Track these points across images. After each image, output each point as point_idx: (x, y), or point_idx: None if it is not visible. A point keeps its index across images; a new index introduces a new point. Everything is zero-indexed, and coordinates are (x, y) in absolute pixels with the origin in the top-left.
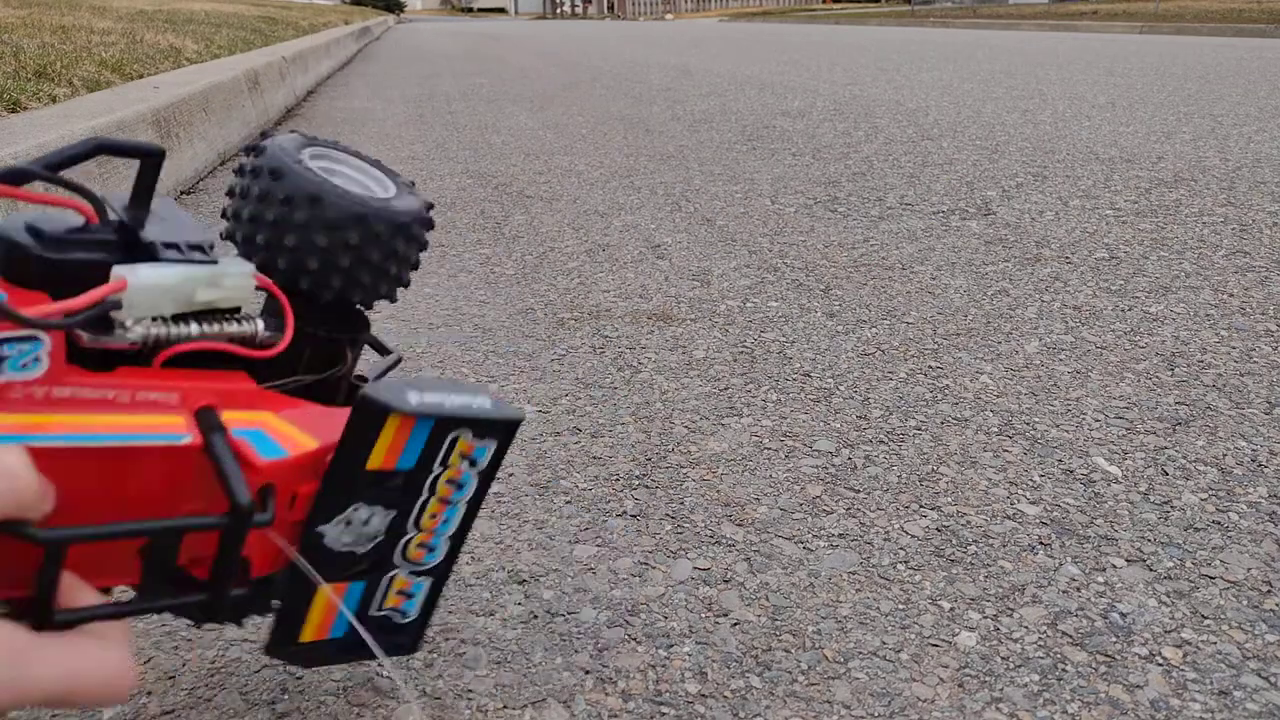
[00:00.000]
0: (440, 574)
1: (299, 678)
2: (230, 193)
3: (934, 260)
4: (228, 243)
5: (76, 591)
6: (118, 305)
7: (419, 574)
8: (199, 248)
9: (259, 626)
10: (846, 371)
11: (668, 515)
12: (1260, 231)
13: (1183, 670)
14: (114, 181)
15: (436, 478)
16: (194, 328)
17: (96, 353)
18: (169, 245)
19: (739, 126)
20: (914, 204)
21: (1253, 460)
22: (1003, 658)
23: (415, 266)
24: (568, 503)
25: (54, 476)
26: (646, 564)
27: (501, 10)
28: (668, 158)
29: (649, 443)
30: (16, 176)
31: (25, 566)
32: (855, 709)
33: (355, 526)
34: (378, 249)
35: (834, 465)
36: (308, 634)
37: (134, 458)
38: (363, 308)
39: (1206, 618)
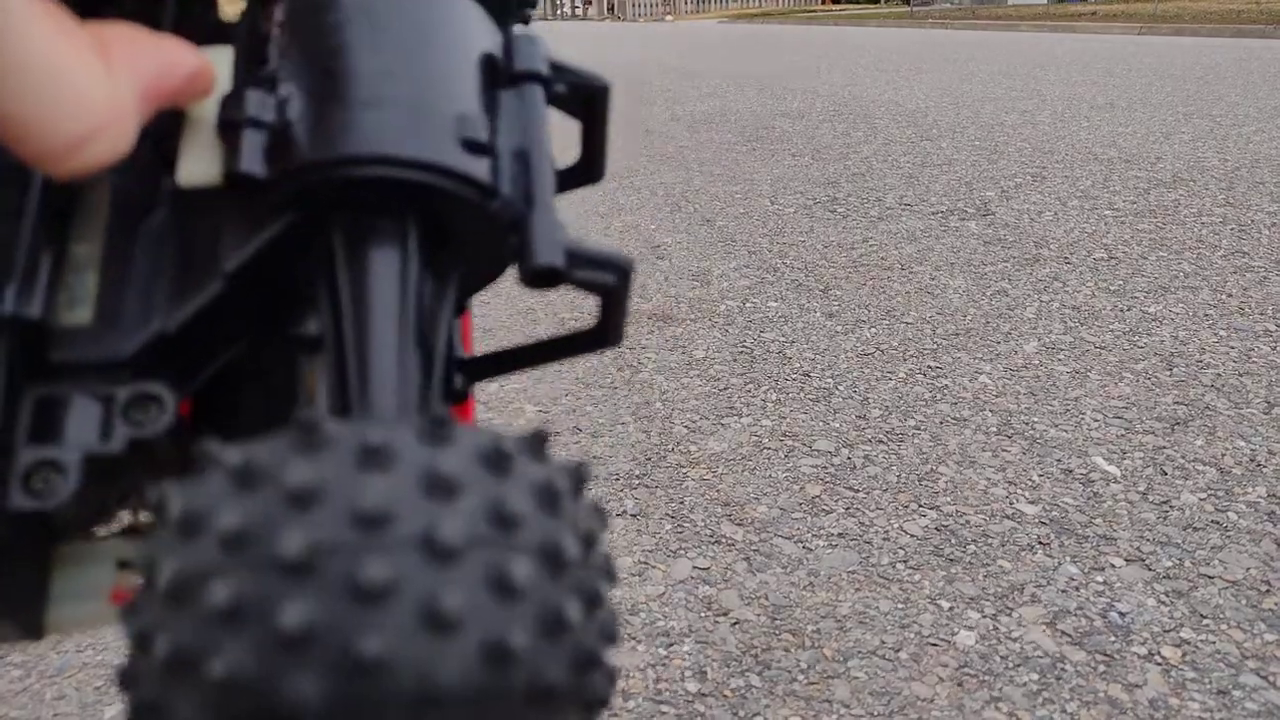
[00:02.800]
0: None
1: None
2: None
3: (933, 260)
4: None
5: None
6: None
7: None
8: None
9: None
10: (846, 371)
11: (668, 515)
12: (1259, 232)
13: (1181, 669)
14: None
15: None
16: None
17: None
18: None
19: (738, 127)
20: (913, 204)
21: (1251, 460)
22: (1002, 657)
23: None
24: None
25: None
26: (646, 563)
27: None
28: (668, 158)
29: (649, 442)
30: None
31: None
32: (854, 708)
33: None
34: None
35: (833, 465)
36: None
37: None
38: None
39: (1205, 617)
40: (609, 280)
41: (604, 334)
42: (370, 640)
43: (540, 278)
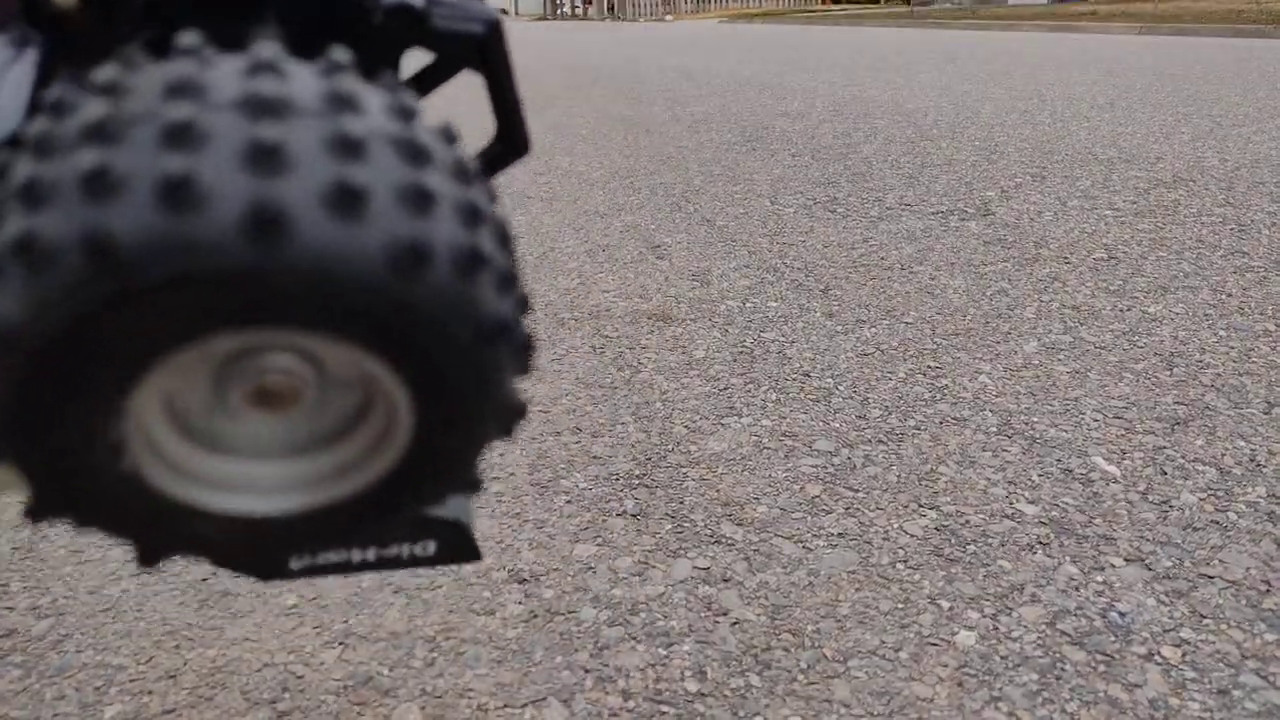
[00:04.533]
0: None
1: (300, 677)
2: None
3: (933, 260)
4: None
5: None
6: None
7: None
8: None
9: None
10: (846, 371)
11: (668, 515)
12: (1259, 231)
13: (1181, 669)
14: None
15: None
16: None
17: None
18: None
19: (738, 127)
20: (913, 204)
21: (1251, 460)
22: (1002, 657)
23: None
24: (568, 502)
25: None
26: (646, 563)
27: (503, 11)
28: (668, 158)
29: (649, 442)
30: None
31: None
32: (854, 708)
33: None
34: None
35: (833, 465)
36: None
37: None
38: None
39: (1205, 617)
40: (475, 29)
41: (510, 139)
42: (179, 162)
43: (399, 15)
